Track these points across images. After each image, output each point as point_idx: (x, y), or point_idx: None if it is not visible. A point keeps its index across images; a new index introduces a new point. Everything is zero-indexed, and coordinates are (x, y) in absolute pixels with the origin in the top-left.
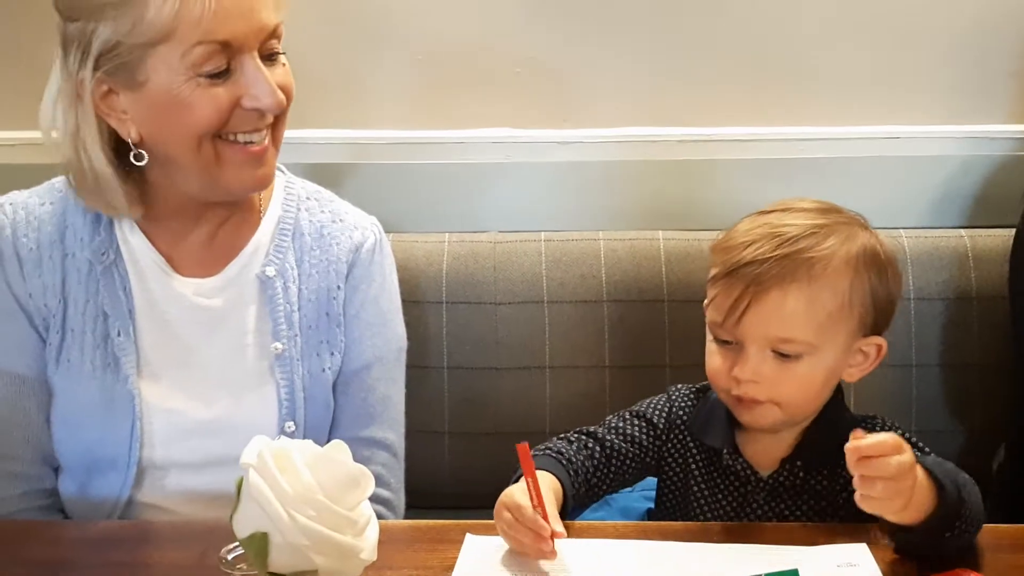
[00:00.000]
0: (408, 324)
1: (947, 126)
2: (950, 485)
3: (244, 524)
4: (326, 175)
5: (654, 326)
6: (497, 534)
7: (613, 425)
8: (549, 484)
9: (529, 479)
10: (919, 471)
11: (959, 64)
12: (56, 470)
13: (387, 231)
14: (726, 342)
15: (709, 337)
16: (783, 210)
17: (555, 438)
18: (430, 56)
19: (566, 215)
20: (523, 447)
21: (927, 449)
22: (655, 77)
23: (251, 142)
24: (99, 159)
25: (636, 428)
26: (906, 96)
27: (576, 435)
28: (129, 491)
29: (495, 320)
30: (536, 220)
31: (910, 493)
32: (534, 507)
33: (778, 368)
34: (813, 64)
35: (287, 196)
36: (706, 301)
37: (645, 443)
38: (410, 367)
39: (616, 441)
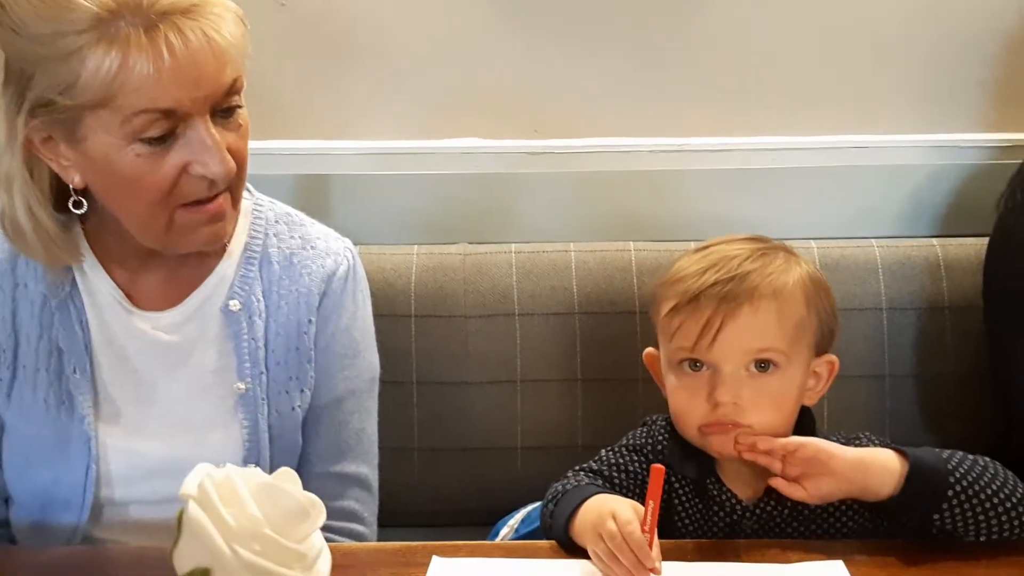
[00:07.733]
0: (376, 339)
1: (917, 135)
2: (926, 455)
3: (185, 559)
4: (291, 186)
5: (626, 338)
6: (464, 555)
7: (613, 462)
8: None
9: (651, 501)
10: (878, 451)
11: (928, 74)
12: (7, 499)
13: (354, 243)
14: (694, 368)
15: (670, 378)
16: (722, 242)
17: (564, 477)
18: (398, 67)
19: (536, 226)
20: (659, 469)
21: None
22: (625, 87)
23: (203, 200)
24: (24, 209)
25: (636, 463)
26: (875, 106)
27: (584, 473)
28: (85, 526)
29: (465, 333)
30: (506, 232)
31: (848, 468)
32: (643, 531)
33: (754, 386)
34: (783, 75)
35: (255, 221)
36: (666, 335)
37: (643, 478)
38: (379, 382)
39: (621, 478)
